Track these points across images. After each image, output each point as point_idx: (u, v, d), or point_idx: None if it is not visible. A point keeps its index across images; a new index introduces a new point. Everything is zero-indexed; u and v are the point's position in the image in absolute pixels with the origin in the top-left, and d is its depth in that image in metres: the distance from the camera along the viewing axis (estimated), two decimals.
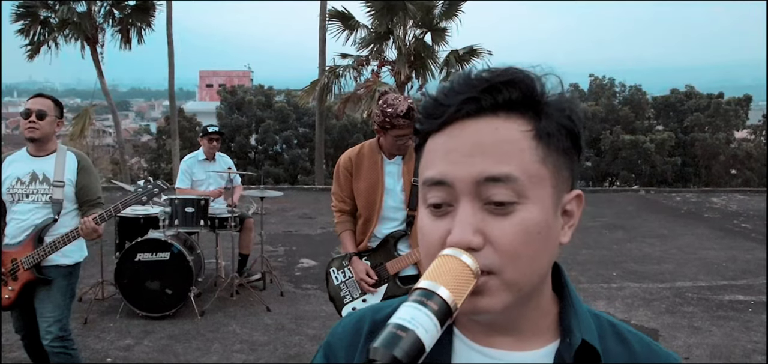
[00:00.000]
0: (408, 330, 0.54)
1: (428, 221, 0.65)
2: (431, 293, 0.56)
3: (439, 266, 0.59)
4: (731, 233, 9.23)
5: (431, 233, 0.64)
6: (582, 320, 0.70)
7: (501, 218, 0.62)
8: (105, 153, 22.39)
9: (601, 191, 15.15)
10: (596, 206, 11.01)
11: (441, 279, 0.58)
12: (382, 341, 0.53)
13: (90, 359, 4.15)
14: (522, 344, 0.70)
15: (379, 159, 2.86)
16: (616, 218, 10.28)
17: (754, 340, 4.81)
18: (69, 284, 3.23)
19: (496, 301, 0.63)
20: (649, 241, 8.46)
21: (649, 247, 8.07)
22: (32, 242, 3.07)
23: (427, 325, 0.54)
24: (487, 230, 0.62)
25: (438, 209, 0.64)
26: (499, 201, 0.61)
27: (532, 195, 0.62)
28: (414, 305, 0.56)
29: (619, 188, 15.88)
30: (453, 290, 0.57)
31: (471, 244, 0.61)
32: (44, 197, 3.12)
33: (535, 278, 0.65)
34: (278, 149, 21.67)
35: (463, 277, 0.59)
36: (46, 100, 3.19)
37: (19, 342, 3.79)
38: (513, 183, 0.61)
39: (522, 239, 0.62)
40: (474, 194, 0.62)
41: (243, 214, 5.84)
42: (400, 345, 0.53)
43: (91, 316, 4.96)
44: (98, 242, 5.29)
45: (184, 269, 4.86)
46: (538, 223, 0.63)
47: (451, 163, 0.63)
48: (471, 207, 0.62)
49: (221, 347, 4.43)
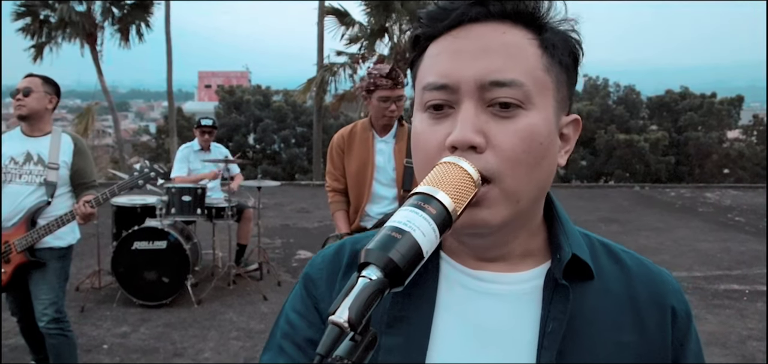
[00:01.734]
0: (404, 233, 0.50)
1: (426, 126, 0.64)
2: (430, 198, 0.54)
3: (439, 172, 0.57)
4: (725, 226, 9.28)
5: (430, 137, 0.63)
6: (572, 238, 0.69)
7: (504, 121, 0.61)
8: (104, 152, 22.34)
9: (596, 187, 15.24)
10: (591, 201, 11.06)
11: (440, 185, 0.55)
12: (376, 243, 0.50)
13: (86, 346, 4.14)
14: (512, 267, 0.68)
15: (370, 136, 2.89)
16: (611, 212, 10.32)
17: (749, 327, 4.85)
18: (63, 266, 3.21)
19: (495, 213, 0.61)
20: (645, 234, 8.50)
21: (645, 239, 8.11)
22: (25, 225, 3.05)
23: (424, 228, 0.51)
24: (489, 132, 0.60)
25: (438, 110, 0.63)
26: (505, 102, 0.60)
27: (537, 102, 0.62)
28: (411, 208, 0.53)
29: (615, 185, 15.92)
30: (453, 196, 0.55)
31: (473, 142, 0.59)
32: (38, 178, 3.10)
33: (532, 192, 0.64)
34: (276, 148, 21.68)
35: (463, 184, 0.56)
36: (34, 78, 3.17)
37: (16, 328, 3.80)
38: (519, 88, 0.60)
39: (524, 145, 0.61)
40: (478, 96, 0.61)
41: (242, 204, 5.84)
42: (396, 247, 0.49)
43: (88, 305, 4.95)
44: (95, 231, 5.31)
45: (181, 257, 4.85)
46: (541, 131, 0.62)
47: (457, 63, 0.62)
48: (474, 108, 0.61)
49: (218, 335, 4.43)
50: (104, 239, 5.52)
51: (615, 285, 0.69)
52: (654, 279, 0.71)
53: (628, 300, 0.68)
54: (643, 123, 22.10)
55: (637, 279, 0.70)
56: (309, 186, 13.33)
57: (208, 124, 5.78)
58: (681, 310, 0.70)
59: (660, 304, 0.69)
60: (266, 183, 5.61)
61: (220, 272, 5.56)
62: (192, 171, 5.70)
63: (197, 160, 5.71)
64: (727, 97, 22.77)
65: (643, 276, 0.70)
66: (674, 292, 0.71)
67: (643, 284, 0.70)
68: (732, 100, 22.64)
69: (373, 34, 12.59)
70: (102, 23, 13.96)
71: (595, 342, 0.66)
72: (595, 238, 0.74)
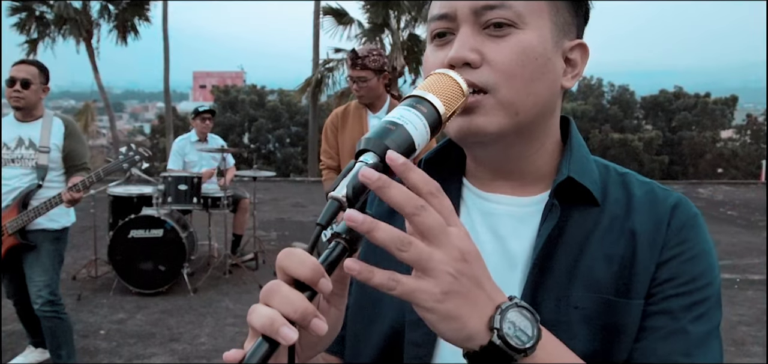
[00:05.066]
0: (398, 125, 0.55)
1: (431, 51, 0.70)
2: (421, 99, 0.59)
3: (431, 80, 0.62)
4: (717, 220, 9.38)
5: (434, 60, 0.68)
6: (577, 163, 0.71)
7: (498, 40, 0.65)
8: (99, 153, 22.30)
9: None
10: None
11: (431, 90, 0.60)
12: (374, 132, 0.55)
13: (84, 332, 4.16)
14: (523, 189, 0.72)
15: (363, 113, 2.98)
16: None
17: (739, 313, 4.92)
18: (57, 248, 3.24)
19: (491, 120, 0.65)
20: None
21: None
22: (17, 207, 3.08)
23: (416, 123, 0.56)
24: (484, 50, 0.65)
25: (442, 38, 0.68)
26: (497, 22, 0.65)
27: (530, 22, 0.66)
28: (404, 107, 0.58)
29: None
30: (443, 100, 0.60)
31: (467, 58, 0.64)
32: (30, 162, 3.14)
33: (531, 105, 0.67)
34: (271, 148, 21.70)
35: (452, 90, 0.61)
36: (31, 67, 3.20)
37: (12, 315, 3.82)
38: (509, 8, 0.65)
39: (518, 59, 0.65)
40: (473, 20, 0.66)
41: (238, 194, 5.87)
42: (391, 137, 0.54)
43: (85, 293, 4.97)
44: (92, 221, 5.33)
45: (177, 245, 4.88)
46: (535, 48, 0.65)
47: None
48: (470, 30, 0.66)
49: (213, 321, 4.46)
50: (101, 230, 5.54)
51: (619, 212, 0.69)
52: (657, 202, 0.70)
53: (628, 227, 0.68)
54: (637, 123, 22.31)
55: (640, 206, 0.70)
56: (304, 182, 13.38)
57: (207, 109, 5.82)
58: (675, 224, 0.68)
59: (658, 224, 0.68)
60: (261, 173, 5.65)
61: (216, 262, 5.59)
62: (188, 163, 5.72)
63: (194, 151, 5.73)
64: (720, 97, 22.96)
65: (647, 203, 0.70)
66: (673, 207, 0.69)
67: (646, 210, 0.69)
68: (726, 100, 22.85)
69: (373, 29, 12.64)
70: (98, 20, 13.98)
71: (585, 256, 0.67)
72: (616, 169, 0.75)
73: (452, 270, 0.51)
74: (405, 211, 0.50)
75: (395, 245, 0.49)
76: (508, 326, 0.54)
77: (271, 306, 0.49)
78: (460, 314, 0.52)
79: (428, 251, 0.50)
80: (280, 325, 0.48)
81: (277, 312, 0.49)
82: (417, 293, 0.51)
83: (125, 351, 3.91)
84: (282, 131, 21.53)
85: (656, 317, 0.65)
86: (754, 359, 4.01)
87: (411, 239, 0.50)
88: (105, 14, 13.96)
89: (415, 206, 0.50)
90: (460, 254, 0.52)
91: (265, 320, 0.49)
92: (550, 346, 0.57)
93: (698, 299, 0.65)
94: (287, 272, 0.51)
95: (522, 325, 0.54)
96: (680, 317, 0.64)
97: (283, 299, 0.49)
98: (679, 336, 0.64)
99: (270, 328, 0.48)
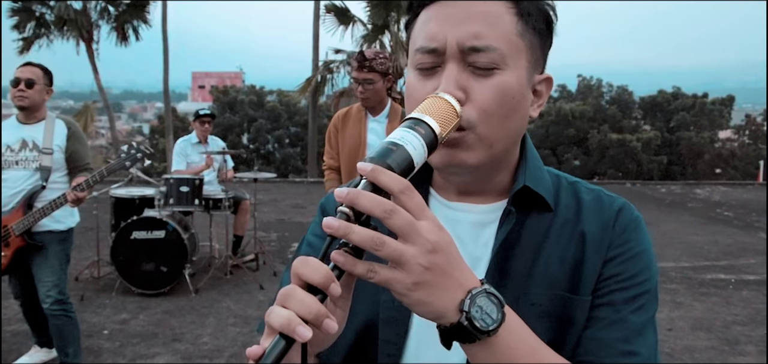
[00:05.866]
0: (399, 146, 0.62)
1: (417, 80, 0.75)
2: (420, 121, 0.65)
3: (428, 103, 0.68)
4: (714, 220, 9.45)
5: (420, 90, 0.74)
6: (533, 174, 0.79)
7: (482, 79, 0.71)
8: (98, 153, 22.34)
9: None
10: None
11: (428, 112, 0.67)
12: (377, 153, 0.61)
13: (87, 332, 4.21)
14: (484, 200, 0.80)
15: (363, 115, 3.04)
16: None
17: (734, 313, 4.98)
18: (63, 249, 3.30)
19: (471, 155, 0.73)
20: None
21: None
22: (22, 209, 3.14)
23: (415, 144, 0.63)
24: (468, 88, 0.71)
25: (427, 70, 0.74)
26: (482, 66, 0.71)
27: (511, 63, 0.72)
28: (404, 129, 0.64)
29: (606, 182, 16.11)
30: (439, 121, 0.66)
31: (455, 96, 0.70)
32: (34, 163, 3.20)
33: (504, 138, 0.74)
34: (270, 148, 21.74)
35: (448, 113, 0.68)
36: (35, 68, 3.26)
37: (17, 316, 3.87)
38: (494, 52, 0.71)
39: (498, 98, 0.71)
40: (460, 57, 0.72)
41: (239, 196, 5.93)
42: (393, 157, 0.60)
43: (87, 294, 5.02)
44: (94, 223, 5.38)
45: (179, 246, 4.94)
46: (513, 87, 0.72)
47: (443, 29, 0.72)
48: (457, 68, 0.72)
49: (216, 321, 4.52)
50: (103, 231, 5.59)
51: (570, 216, 0.77)
52: (603, 208, 0.78)
53: (579, 230, 0.76)
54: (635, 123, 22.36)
55: (589, 210, 0.78)
56: (303, 183, 13.43)
57: (208, 112, 5.87)
58: (619, 226, 0.76)
59: (604, 226, 0.76)
60: (263, 175, 5.70)
61: (217, 262, 5.65)
62: (190, 164, 5.78)
63: (195, 153, 5.79)
64: (718, 97, 23.02)
65: (595, 208, 0.78)
66: (618, 211, 0.77)
67: (594, 214, 0.77)
68: (724, 100, 22.89)
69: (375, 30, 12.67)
70: (98, 21, 14.02)
71: (540, 257, 0.75)
72: (567, 178, 0.84)
73: (424, 262, 0.57)
74: (377, 216, 0.56)
75: (370, 244, 0.56)
76: (476, 309, 0.60)
77: (288, 308, 0.55)
78: (430, 300, 0.59)
79: (400, 248, 0.57)
80: (297, 324, 0.54)
81: (294, 313, 0.55)
82: (391, 282, 0.58)
83: (128, 351, 3.97)
84: (281, 132, 21.58)
85: (601, 309, 0.73)
86: (748, 359, 4.08)
87: (384, 238, 0.56)
88: (105, 15, 14.01)
89: (384, 210, 0.56)
90: (432, 246, 0.58)
91: (283, 320, 0.54)
92: (514, 328, 0.65)
93: (638, 293, 0.73)
94: (302, 277, 0.57)
95: (488, 309, 0.61)
96: (621, 309, 0.72)
97: (299, 302, 0.55)
98: (620, 325, 0.72)
99: (287, 327, 0.54)
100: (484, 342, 0.62)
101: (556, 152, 21.02)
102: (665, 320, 4.77)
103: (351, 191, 0.57)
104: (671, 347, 4.24)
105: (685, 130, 21.52)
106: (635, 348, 0.71)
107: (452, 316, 0.60)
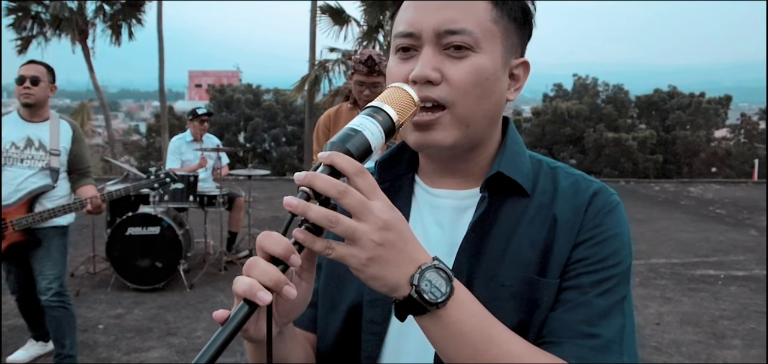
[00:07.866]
0: (358, 132, 0.67)
1: (396, 63, 0.80)
2: (379, 109, 0.71)
3: (387, 93, 0.73)
4: (706, 218, 9.53)
5: (398, 73, 0.78)
6: (509, 158, 0.81)
7: (457, 61, 0.75)
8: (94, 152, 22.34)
9: None
10: None
11: (387, 101, 0.72)
12: (337, 138, 0.67)
13: (83, 327, 4.26)
14: (465, 184, 0.83)
15: (355, 115, 3.08)
16: None
17: (722, 308, 5.05)
18: (64, 242, 3.37)
19: (447, 135, 0.76)
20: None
21: None
22: (26, 206, 3.18)
23: (373, 130, 0.68)
24: (444, 69, 0.75)
25: (405, 52, 0.79)
26: (457, 45, 0.75)
27: (485, 47, 0.76)
28: (364, 116, 0.70)
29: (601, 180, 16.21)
30: (397, 110, 0.71)
31: (429, 77, 0.75)
32: (40, 163, 3.24)
33: (481, 119, 0.77)
34: (266, 147, 21.76)
35: (405, 102, 0.73)
36: (39, 66, 3.31)
37: (13, 311, 3.92)
38: (468, 35, 0.75)
39: (472, 79, 0.75)
40: (436, 41, 0.76)
41: (234, 193, 5.98)
42: (352, 141, 0.66)
43: (83, 289, 5.07)
44: (90, 219, 5.42)
45: (174, 242, 4.99)
46: (487, 69, 0.76)
47: (420, 14, 0.77)
48: (432, 51, 0.76)
49: (209, 316, 4.56)
50: (98, 227, 5.63)
51: (545, 201, 0.79)
52: (578, 192, 0.79)
53: (551, 214, 0.78)
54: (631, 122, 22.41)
55: (564, 195, 0.79)
56: None
57: (205, 112, 5.94)
58: (592, 210, 0.77)
59: (577, 210, 0.77)
60: (257, 172, 5.75)
61: (211, 258, 5.70)
62: (185, 162, 5.83)
63: (190, 151, 5.84)
64: (715, 96, 23.08)
65: (571, 192, 0.79)
66: (592, 195, 0.78)
67: (569, 199, 0.79)
68: (720, 99, 22.93)
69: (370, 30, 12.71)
70: (93, 20, 14.04)
71: (513, 240, 0.77)
72: (548, 163, 0.85)
73: (376, 238, 0.62)
74: (332, 196, 0.62)
75: (326, 222, 0.61)
76: (425, 283, 0.65)
77: (251, 276, 0.61)
78: (382, 274, 0.64)
79: (354, 226, 0.62)
80: (257, 290, 0.60)
81: (255, 280, 0.60)
82: (346, 257, 0.63)
83: (124, 345, 4.02)
84: (277, 130, 21.61)
85: (568, 292, 0.74)
86: (734, 352, 4.15)
87: (338, 216, 0.61)
88: (100, 14, 14.04)
89: (337, 191, 0.61)
90: (383, 223, 0.63)
91: (245, 286, 0.60)
92: (464, 302, 0.68)
93: (606, 276, 0.74)
94: (265, 249, 0.63)
95: (437, 283, 0.65)
96: (588, 292, 0.73)
97: (260, 271, 0.61)
98: (585, 308, 0.73)
99: (249, 292, 0.60)
100: (434, 315, 0.65)
101: (552, 151, 21.08)
102: (654, 314, 4.85)
103: (309, 173, 0.62)
104: (659, 341, 4.30)
105: (681, 129, 21.58)
106: (597, 331, 0.71)
107: (404, 289, 0.64)
